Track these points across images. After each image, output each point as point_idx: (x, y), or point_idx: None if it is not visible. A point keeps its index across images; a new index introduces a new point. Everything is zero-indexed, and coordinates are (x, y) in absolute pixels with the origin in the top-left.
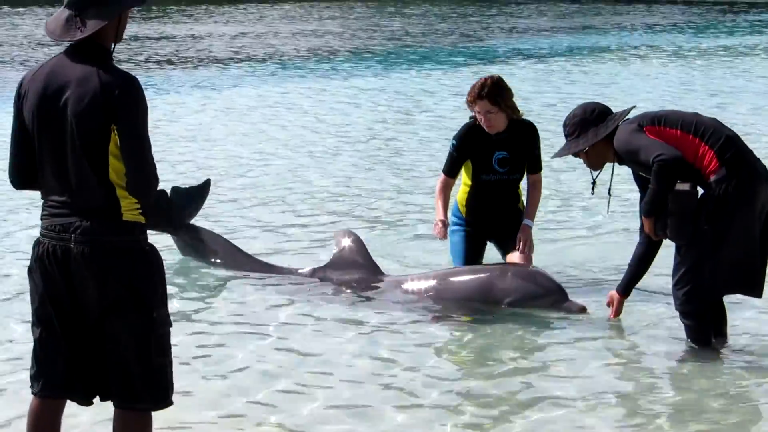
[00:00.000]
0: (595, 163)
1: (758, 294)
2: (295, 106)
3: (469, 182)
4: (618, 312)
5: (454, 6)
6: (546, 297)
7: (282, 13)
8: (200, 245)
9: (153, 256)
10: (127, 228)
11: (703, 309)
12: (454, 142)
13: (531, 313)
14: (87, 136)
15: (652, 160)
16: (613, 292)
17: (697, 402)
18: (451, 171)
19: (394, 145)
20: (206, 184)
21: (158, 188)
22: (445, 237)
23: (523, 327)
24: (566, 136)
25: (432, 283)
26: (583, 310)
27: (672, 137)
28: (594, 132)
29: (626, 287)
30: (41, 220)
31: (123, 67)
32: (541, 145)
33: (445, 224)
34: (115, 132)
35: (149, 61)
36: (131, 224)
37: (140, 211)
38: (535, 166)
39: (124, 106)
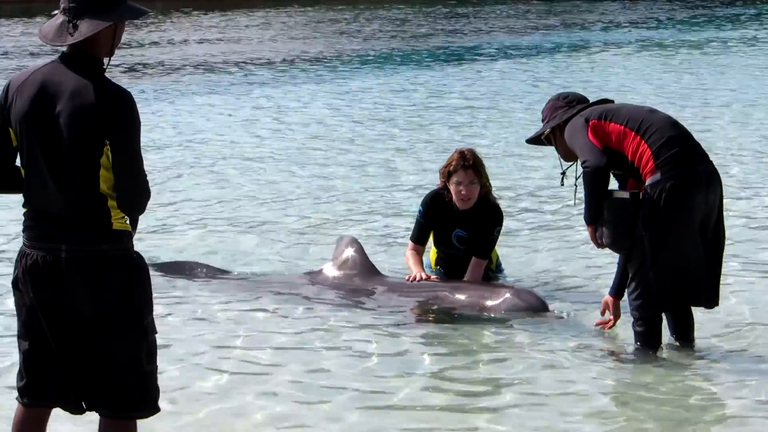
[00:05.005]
0: (564, 152)
1: (710, 305)
2: (293, 110)
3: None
4: (617, 316)
5: (431, 6)
6: (528, 311)
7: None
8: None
9: (142, 263)
10: (116, 237)
11: (653, 317)
12: (421, 208)
13: (516, 319)
14: (79, 148)
15: (580, 164)
16: (607, 297)
17: (657, 408)
18: (419, 238)
19: (393, 148)
20: None
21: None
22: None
23: (509, 331)
24: (541, 122)
25: (428, 291)
26: (560, 318)
27: (614, 133)
28: (558, 117)
29: (618, 289)
30: (25, 230)
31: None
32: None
33: (425, 278)
34: (108, 147)
35: (137, 69)
36: (120, 233)
37: (127, 219)
38: (485, 251)
39: (118, 123)
